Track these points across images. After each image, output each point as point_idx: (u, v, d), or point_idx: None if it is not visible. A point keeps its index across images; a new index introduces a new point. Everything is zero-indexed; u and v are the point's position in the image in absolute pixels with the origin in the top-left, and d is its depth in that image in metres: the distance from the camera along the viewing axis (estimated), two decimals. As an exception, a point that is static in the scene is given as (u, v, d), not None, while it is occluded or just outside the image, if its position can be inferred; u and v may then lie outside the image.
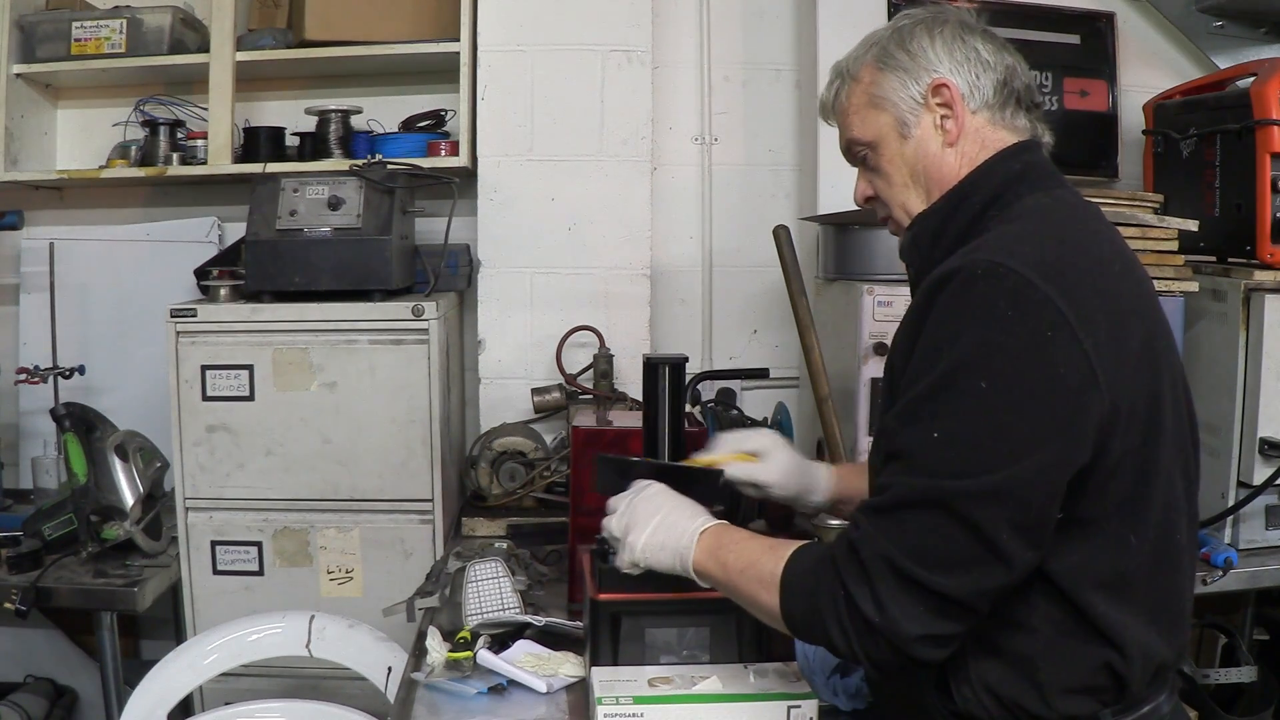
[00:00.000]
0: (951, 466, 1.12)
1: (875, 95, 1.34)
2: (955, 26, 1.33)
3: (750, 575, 1.28)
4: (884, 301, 2.28)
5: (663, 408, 1.70)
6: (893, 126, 1.34)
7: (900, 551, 1.13)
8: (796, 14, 2.93)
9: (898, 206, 1.37)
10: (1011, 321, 1.12)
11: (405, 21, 2.75)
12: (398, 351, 2.44)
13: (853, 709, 1.56)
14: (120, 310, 2.94)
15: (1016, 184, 1.29)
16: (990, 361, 1.12)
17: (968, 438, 1.12)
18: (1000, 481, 1.11)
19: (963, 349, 1.13)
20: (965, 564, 1.12)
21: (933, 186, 1.33)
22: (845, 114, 1.39)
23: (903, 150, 1.34)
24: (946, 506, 1.12)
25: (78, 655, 2.94)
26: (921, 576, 1.12)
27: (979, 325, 1.13)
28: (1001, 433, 1.11)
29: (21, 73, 2.77)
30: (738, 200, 2.97)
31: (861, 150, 1.38)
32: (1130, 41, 2.96)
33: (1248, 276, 2.28)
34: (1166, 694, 1.27)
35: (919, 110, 1.32)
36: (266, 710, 2.03)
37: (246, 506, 2.46)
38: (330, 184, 2.48)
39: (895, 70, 1.33)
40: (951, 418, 1.13)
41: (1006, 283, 1.13)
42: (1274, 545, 2.29)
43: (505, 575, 1.83)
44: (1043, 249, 1.18)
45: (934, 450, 1.13)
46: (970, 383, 1.12)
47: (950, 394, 1.13)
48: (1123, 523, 1.18)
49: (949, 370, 1.14)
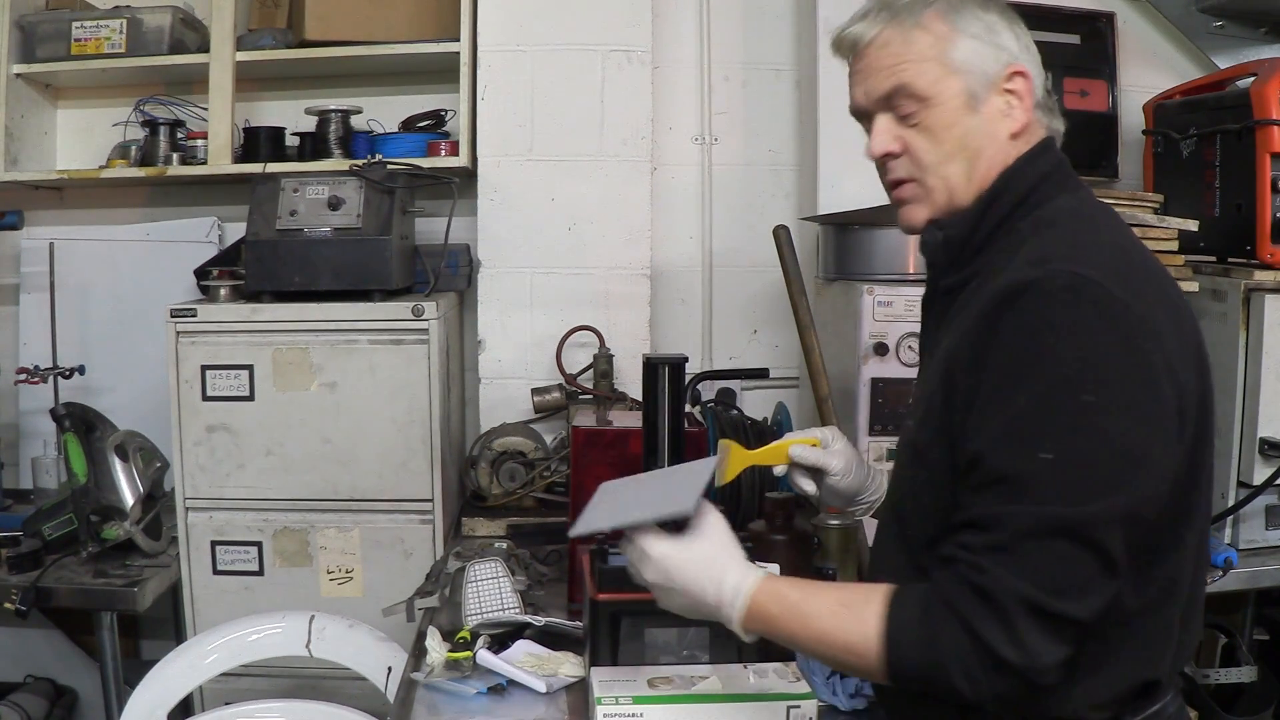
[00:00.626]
0: (1071, 492, 1.07)
1: (949, 56, 1.24)
2: (1003, 6, 1.27)
3: (833, 641, 1.18)
4: (884, 301, 2.29)
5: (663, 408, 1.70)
6: (962, 94, 1.24)
7: (1036, 588, 1.07)
8: (796, 14, 2.93)
9: (938, 176, 1.27)
10: (1102, 332, 1.09)
11: (405, 21, 2.75)
12: (398, 351, 2.44)
13: (852, 709, 1.56)
14: (120, 310, 2.94)
15: (1045, 184, 1.26)
16: (1091, 374, 1.08)
17: (1082, 458, 1.08)
18: (1124, 502, 1.08)
19: (1059, 363, 1.09)
20: (1091, 586, 1.09)
21: (981, 168, 1.26)
22: (898, 58, 1.26)
23: (965, 121, 1.25)
24: (1073, 535, 1.07)
25: (78, 655, 2.94)
26: (1056, 608, 1.07)
27: (1072, 337, 1.09)
28: (1115, 448, 1.08)
29: (21, 73, 2.77)
30: (738, 200, 2.97)
31: (909, 105, 1.26)
32: (1130, 41, 2.96)
33: (1248, 276, 2.28)
34: (1173, 694, 1.27)
35: (989, 89, 1.25)
36: (266, 710, 2.03)
37: (246, 506, 2.46)
38: (330, 184, 2.48)
39: (973, 38, 1.24)
40: (1061, 437, 1.08)
41: (1089, 293, 1.10)
42: (1274, 545, 2.29)
43: (505, 575, 1.83)
44: (1108, 257, 1.15)
45: (1048, 474, 1.08)
46: (1074, 399, 1.08)
47: (1055, 412, 1.09)
48: (1179, 521, 1.17)
49: (1049, 387, 1.09)
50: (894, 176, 1.31)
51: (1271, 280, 2.26)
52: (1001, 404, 1.11)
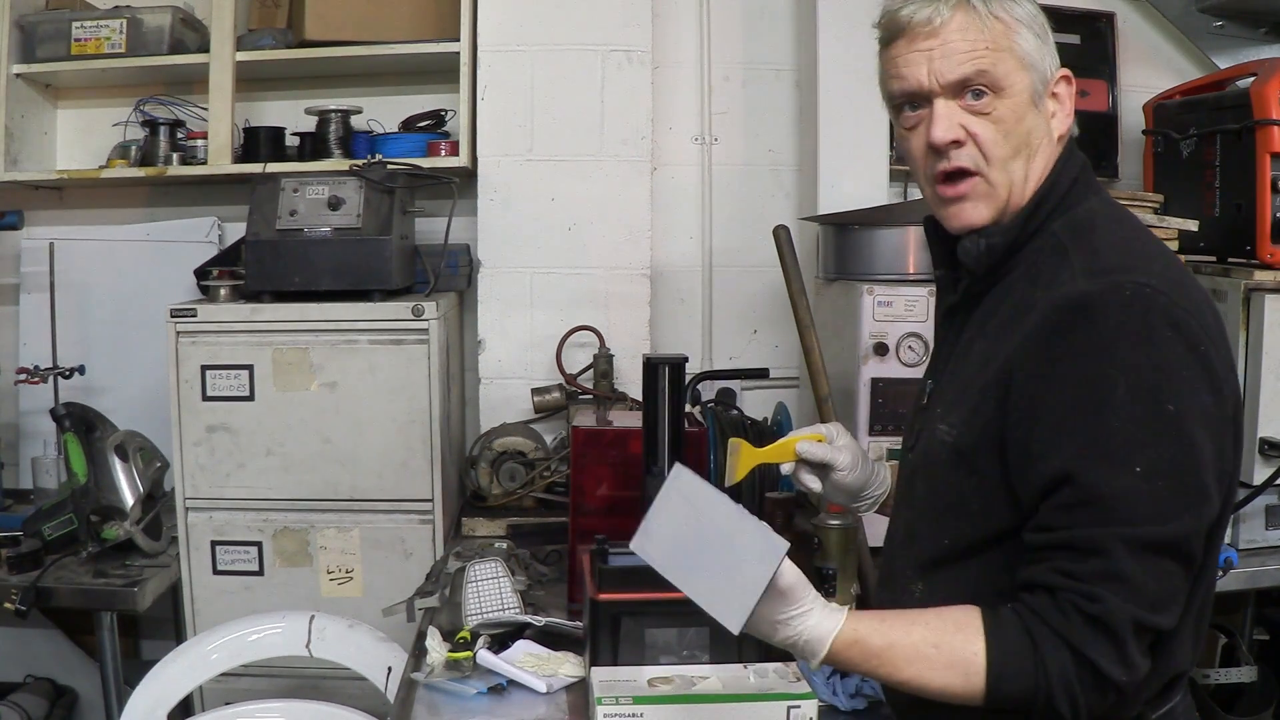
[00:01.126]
0: (1166, 507, 1.09)
1: (1023, 50, 1.23)
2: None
3: (927, 685, 1.15)
4: (884, 301, 2.29)
5: (663, 408, 1.70)
6: (1028, 89, 1.23)
7: (1145, 610, 1.10)
8: (796, 14, 2.93)
9: (1003, 170, 1.24)
10: (1173, 342, 1.10)
11: (405, 21, 2.75)
12: (398, 351, 2.44)
13: (852, 709, 1.56)
14: (120, 310, 2.94)
15: (1076, 187, 1.27)
16: (1170, 384, 1.09)
17: (1172, 468, 1.09)
18: (1209, 511, 1.12)
19: (1139, 375, 1.09)
20: (1180, 596, 1.13)
21: (1036, 169, 1.25)
22: (976, 43, 1.21)
23: (1029, 117, 1.23)
24: (1174, 552, 1.10)
25: (78, 655, 2.94)
26: (1153, 622, 1.10)
27: (1147, 349, 1.10)
28: (1199, 456, 1.10)
29: (21, 73, 2.77)
30: (738, 200, 2.97)
31: (983, 90, 1.22)
32: (1130, 41, 2.96)
33: (1248, 276, 2.28)
34: (1181, 695, 1.27)
35: (1045, 88, 1.25)
36: (266, 710, 2.03)
37: (246, 506, 2.46)
38: (330, 184, 2.48)
39: (1037, 36, 1.24)
40: (1151, 449, 1.09)
41: (1158, 303, 1.11)
42: (1274, 545, 2.30)
43: (505, 575, 1.83)
44: (1162, 266, 1.16)
45: (1144, 489, 1.09)
46: (1159, 409, 1.09)
47: (1142, 425, 1.09)
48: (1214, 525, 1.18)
49: (1132, 400, 1.09)
50: (955, 164, 1.24)
51: (1271, 280, 2.26)
52: (1084, 419, 1.11)
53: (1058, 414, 1.13)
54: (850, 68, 2.73)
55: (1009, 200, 1.25)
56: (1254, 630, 2.55)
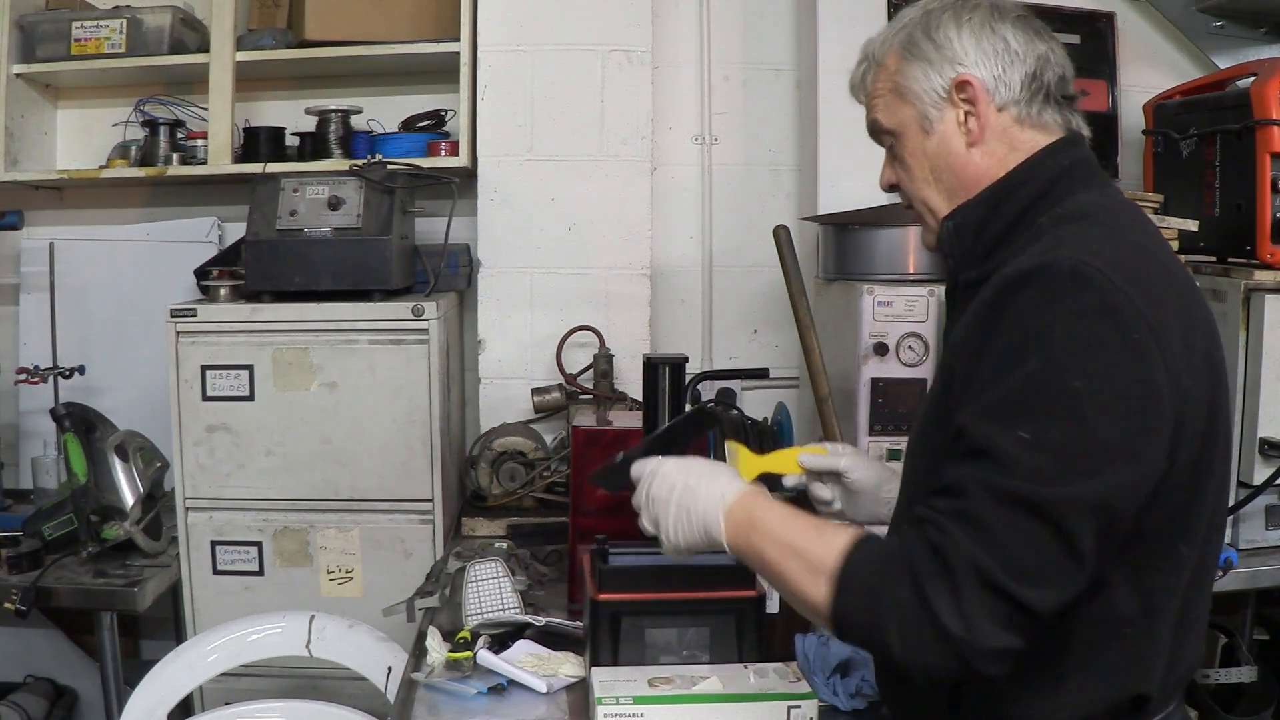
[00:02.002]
0: (1046, 472, 1.06)
1: (900, 85, 1.30)
2: (986, 13, 1.28)
3: (797, 562, 1.18)
4: (884, 301, 2.28)
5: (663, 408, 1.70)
6: (915, 120, 1.29)
7: (993, 561, 1.05)
8: (796, 14, 2.93)
9: (919, 201, 1.34)
10: (1099, 320, 1.08)
11: (405, 21, 2.75)
12: (398, 351, 2.44)
13: (852, 709, 1.56)
14: (120, 310, 2.94)
15: (1066, 179, 1.25)
16: (1083, 362, 1.07)
17: (1062, 441, 1.07)
18: (1097, 490, 1.06)
19: (1052, 348, 1.08)
20: (1053, 575, 1.07)
21: (956, 186, 1.29)
22: (871, 97, 1.35)
23: (924, 145, 1.30)
24: (1043, 515, 1.05)
25: (78, 655, 2.94)
26: (1010, 587, 1.05)
27: (1068, 324, 1.09)
28: (1096, 437, 1.07)
29: (21, 73, 2.77)
30: (738, 200, 2.97)
31: (887, 139, 1.34)
32: (1130, 41, 2.96)
33: (1248, 276, 2.28)
34: (1176, 703, 1.26)
35: (942, 105, 1.28)
36: (266, 710, 2.04)
37: (246, 506, 2.46)
38: (330, 184, 2.48)
39: (919, 60, 1.28)
40: (1044, 419, 1.07)
41: (1093, 284, 1.09)
42: (1274, 545, 2.29)
43: (505, 575, 1.83)
44: (1121, 252, 1.14)
45: (1025, 452, 1.07)
46: (1063, 383, 1.07)
47: (1040, 395, 1.08)
48: (1176, 534, 1.15)
49: (1039, 369, 1.08)
50: (902, 203, 1.38)
51: (1271, 280, 2.26)
52: (993, 381, 1.11)
53: (977, 378, 1.14)
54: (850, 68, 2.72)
55: (937, 214, 1.33)
56: (1254, 630, 2.54)
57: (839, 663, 1.59)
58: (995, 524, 1.06)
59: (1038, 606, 1.06)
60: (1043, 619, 1.07)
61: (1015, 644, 1.07)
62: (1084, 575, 1.08)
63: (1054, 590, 1.07)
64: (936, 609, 1.06)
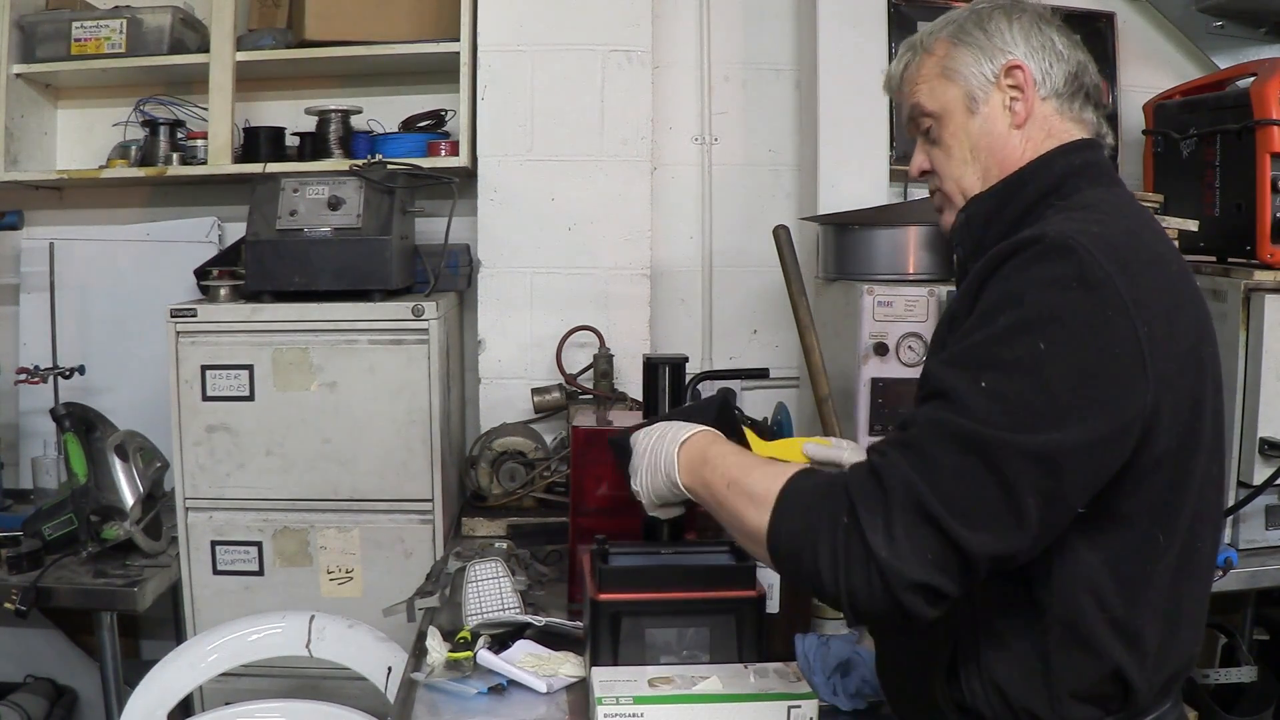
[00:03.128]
0: (996, 418, 1.09)
1: (948, 67, 1.34)
2: (1034, 15, 1.35)
3: (740, 489, 1.24)
4: (884, 301, 2.29)
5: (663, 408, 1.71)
6: (961, 100, 1.34)
7: (931, 491, 1.08)
8: (796, 14, 2.93)
9: (952, 181, 1.36)
10: (1076, 295, 1.11)
11: (405, 21, 2.75)
12: (398, 351, 2.44)
13: (853, 709, 1.56)
14: (120, 310, 2.94)
15: (1076, 177, 1.29)
16: (1050, 327, 1.11)
17: (1016, 394, 1.10)
18: (1042, 443, 1.08)
19: (1024, 311, 1.12)
20: (988, 520, 1.08)
21: (992, 166, 1.33)
22: (913, 84, 1.38)
23: (968, 125, 1.34)
24: (985, 455, 1.08)
25: (78, 655, 2.94)
26: (944, 520, 1.07)
27: (1044, 291, 1.12)
28: (1050, 396, 1.09)
29: (21, 73, 2.77)
30: (738, 200, 2.97)
31: (926, 121, 1.37)
32: (1130, 41, 2.96)
33: (1248, 276, 2.28)
34: (1171, 703, 1.27)
35: (989, 88, 1.32)
36: (266, 710, 2.04)
37: (246, 506, 2.46)
38: (330, 184, 2.48)
39: (970, 46, 1.33)
40: (1002, 371, 1.11)
41: (1075, 257, 1.13)
42: (1274, 545, 2.29)
43: (505, 575, 1.83)
44: (1109, 233, 1.17)
45: (979, 398, 1.10)
46: (1027, 342, 1.10)
47: (1005, 349, 1.12)
48: (1154, 522, 1.17)
49: (1007, 327, 1.12)
50: (930, 188, 1.42)
51: (1271, 280, 2.26)
52: (964, 335, 1.16)
53: (954, 334, 1.19)
54: (850, 68, 2.73)
55: (967, 194, 1.36)
56: (1254, 630, 2.54)
57: (839, 663, 1.59)
58: (938, 457, 1.10)
59: (969, 547, 1.08)
60: (975, 567, 1.09)
61: (945, 586, 1.09)
62: (1024, 533, 1.09)
63: (988, 536, 1.08)
64: (865, 527, 1.09)
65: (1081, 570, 1.16)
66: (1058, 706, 1.19)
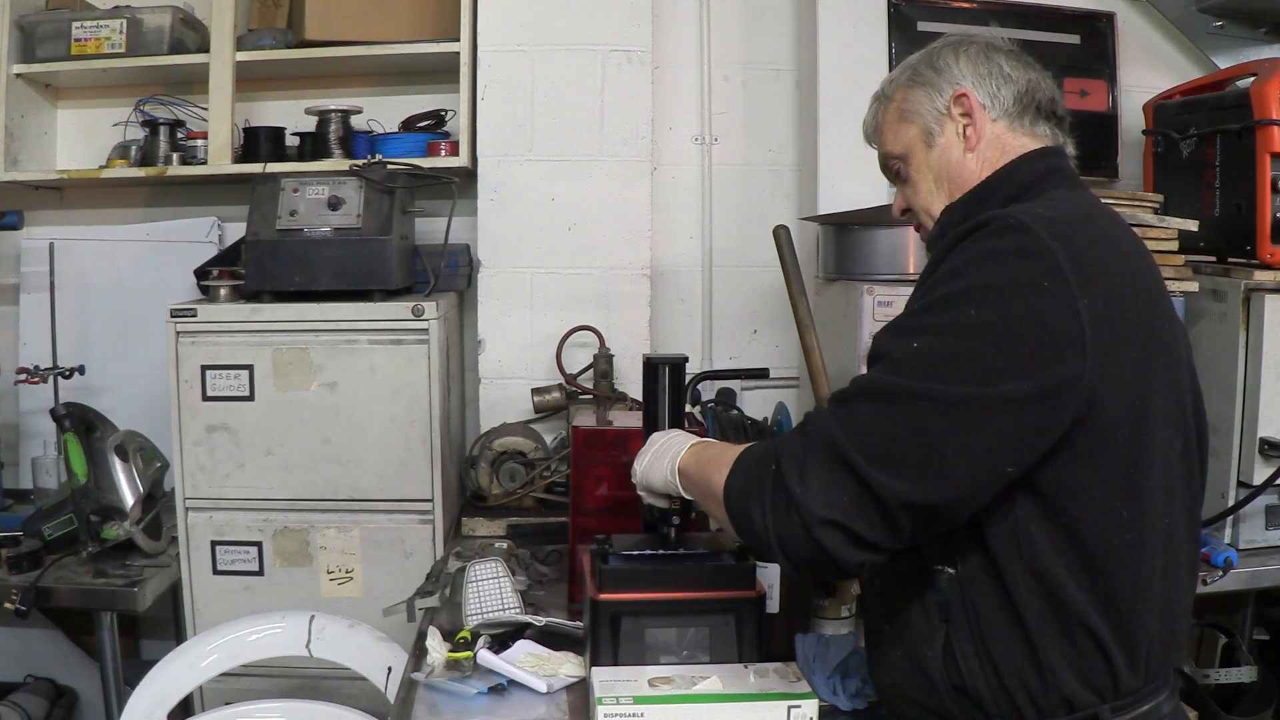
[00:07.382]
0: (920, 372, 1.17)
1: (905, 109, 1.43)
2: (981, 46, 1.42)
3: (718, 463, 1.33)
4: (884, 301, 2.28)
5: (663, 408, 1.70)
6: (920, 137, 1.42)
7: (845, 435, 1.17)
8: (796, 14, 2.93)
9: (924, 211, 1.44)
10: (1013, 267, 1.18)
11: (405, 21, 2.75)
12: (398, 351, 2.44)
13: (853, 709, 1.56)
14: (120, 310, 2.94)
15: (1041, 181, 1.35)
16: (984, 296, 1.17)
17: (944, 353, 1.17)
18: (960, 394, 1.14)
19: (962, 281, 1.19)
20: (903, 467, 1.15)
21: (955, 190, 1.40)
22: (881, 132, 1.48)
23: (928, 158, 1.42)
24: (904, 404, 1.16)
25: (78, 655, 2.94)
26: (857, 463, 1.16)
27: (983, 265, 1.19)
28: (976, 358, 1.15)
29: (21, 73, 2.77)
30: (738, 200, 2.97)
31: (895, 164, 1.46)
32: (1130, 41, 2.96)
33: (1248, 276, 2.28)
34: (1167, 694, 1.28)
35: (943, 120, 1.41)
36: (266, 710, 2.03)
37: (246, 506, 2.46)
38: (330, 184, 2.48)
39: (924, 85, 1.42)
40: (933, 334, 1.18)
41: (1017, 234, 1.19)
42: (1274, 545, 2.29)
43: (505, 575, 1.83)
44: (1057, 215, 1.24)
45: (909, 358, 1.18)
46: (960, 309, 1.17)
47: (938, 315, 1.19)
48: (1113, 495, 1.20)
49: (943, 297, 1.20)
50: (915, 225, 1.50)
51: (1271, 280, 2.26)
52: (906, 309, 1.27)
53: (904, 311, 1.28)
54: (850, 68, 2.73)
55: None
56: (1254, 630, 2.54)
57: (839, 663, 1.59)
58: (861, 408, 1.20)
59: (882, 492, 1.15)
60: (893, 515, 1.15)
61: (860, 529, 1.16)
62: (943, 483, 1.15)
63: (903, 483, 1.15)
64: (785, 473, 1.20)
65: (1045, 542, 1.20)
66: (1051, 681, 1.21)
